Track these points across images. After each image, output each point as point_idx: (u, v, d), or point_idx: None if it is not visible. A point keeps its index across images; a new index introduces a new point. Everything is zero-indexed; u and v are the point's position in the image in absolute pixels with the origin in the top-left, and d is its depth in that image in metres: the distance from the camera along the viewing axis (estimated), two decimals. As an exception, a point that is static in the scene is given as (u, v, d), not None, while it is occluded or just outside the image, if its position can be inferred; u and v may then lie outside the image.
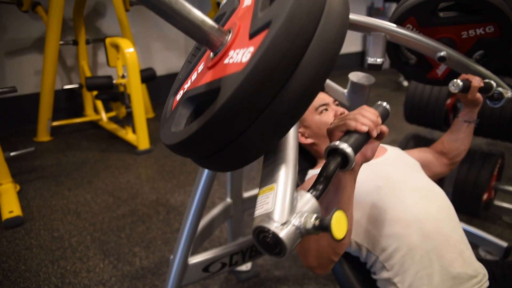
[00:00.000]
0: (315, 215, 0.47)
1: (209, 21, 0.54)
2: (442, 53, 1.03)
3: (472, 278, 0.87)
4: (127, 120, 3.23)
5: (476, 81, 0.99)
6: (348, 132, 0.63)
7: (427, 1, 1.04)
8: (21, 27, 3.55)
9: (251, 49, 0.47)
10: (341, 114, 1.06)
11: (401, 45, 1.25)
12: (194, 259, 1.11)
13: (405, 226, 0.87)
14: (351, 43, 6.89)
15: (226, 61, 0.52)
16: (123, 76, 3.08)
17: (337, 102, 1.13)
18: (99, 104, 3.77)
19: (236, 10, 0.65)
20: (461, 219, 2.08)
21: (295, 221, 0.46)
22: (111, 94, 3.21)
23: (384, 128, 0.66)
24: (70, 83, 3.90)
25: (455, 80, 0.98)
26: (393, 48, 1.24)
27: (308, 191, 0.53)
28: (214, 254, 1.12)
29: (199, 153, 0.53)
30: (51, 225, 2.13)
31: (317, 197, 0.52)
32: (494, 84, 1.04)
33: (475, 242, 1.89)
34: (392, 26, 1.09)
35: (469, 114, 1.09)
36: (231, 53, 0.52)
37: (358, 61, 7.09)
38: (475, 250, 1.87)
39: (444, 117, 1.99)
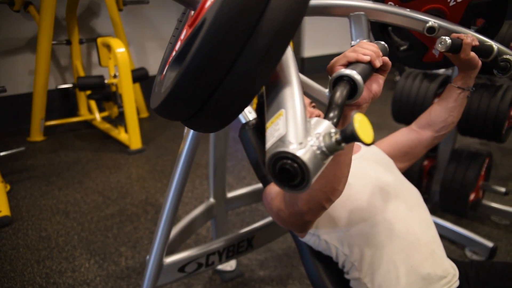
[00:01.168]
0: (333, 130, 0.41)
1: None
2: (430, 23, 0.93)
3: (442, 278, 0.87)
4: (120, 120, 3.24)
5: (469, 38, 0.87)
6: (351, 64, 0.59)
7: None
8: (14, 27, 3.56)
9: None
10: (316, 116, 1.06)
11: (390, 31, 1.19)
12: (169, 259, 1.10)
13: (374, 226, 0.87)
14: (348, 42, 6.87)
15: (206, 6, 0.51)
16: (114, 76, 3.08)
17: (313, 104, 1.12)
18: (93, 104, 3.77)
19: None
20: (449, 219, 2.09)
21: (313, 142, 0.40)
22: (103, 94, 3.21)
23: (386, 59, 0.63)
24: (65, 83, 3.90)
25: (442, 37, 0.86)
26: (381, 33, 1.19)
27: (329, 118, 0.46)
28: (190, 254, 1.12)
29: (189, 105, 0.49)
30: (39, 225, 2.13)
31: (336, 123, 0.45)
32: (495, 47, 0.92)
33: (461, 242, 1.89)
34: (370, 3, 1.03)
35: (464, 79, 0.97)
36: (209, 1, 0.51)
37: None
38: (461, 250, 1.86)
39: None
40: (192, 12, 0.59)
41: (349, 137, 0.39)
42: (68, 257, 1.85)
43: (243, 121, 1.23)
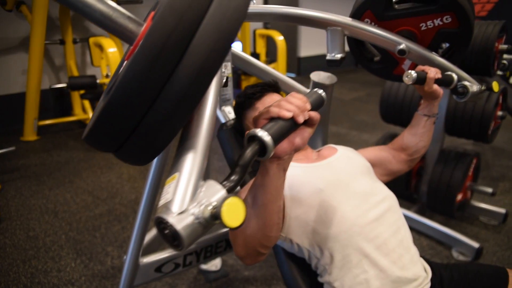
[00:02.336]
0: (214, 203, 0.44)
1: (122, 12, 0.54)
2: (401, 46, 1.01)
3: (412, 281, 0.87)
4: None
5: (432, 72, 0.96)
6: (273, 119, 0.60)
7: None
8: (7, 26, 3.56)
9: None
10: None
11: (365, 42, 1.23)
12: (146, 260, 1.10)
13: (343, 230, 0.86)
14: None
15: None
16: (107, 76, 3.08)
17: None
18: (87, 103, 3.77)
19: None
20: (438, 219, 2.08)
21: (195, 210, 0.43)
22: (96, 93, 3.22)
23: (313, 114, 0.63)
24: (59, 83, 3.90)
25: (409, 71, 0.95)
26: (355, 44, 1.22)
27: (222, 182, 0.50)
28: (166, 255, 1.12)
29: (107, 143, 0.51)
30: (27, 224, 2.13)
31: (231, 188, 0.49)
32: (455, 77, 1.01)
33: (448, 243, 1.89)
34: (348, 20, 1.08)
35: (428, 107, 1.05)
36: None
37: (351, 60, 7.05)
38: (448, 251, 1.86)
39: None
40: None
41: (217, 217, 0.42)
42: (54, 256, 1.85)
43: (223, 120, 1.23)
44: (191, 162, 0.49)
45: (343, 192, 0.91)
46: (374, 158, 1.12)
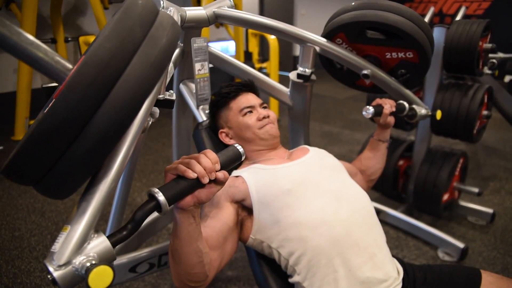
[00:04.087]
0: (92, 261, 0.49)
1: (51, 55, 0.55)
2: (366, 71, 1.14)
3: (382, 282, 0.86)
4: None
5: (387, 108, 1.12)
6: (179, 176, 0.63)
7: (355, 23, 1.11)
8: (-2, 25, 3.54)
9: None
10: (263, 117, 1.04)
11: (340, 63, 1.31)
12: (119, 260, 1.09)
13: (312, 230, 0.85)
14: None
15: None
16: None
17: (264, 105, 1.11)
18: (79, 102, 3.76)
19: None
20: (425, 219, 2.07)
21: (76, 262, 0.48)
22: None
23: (220, 175, 0.65)
24: (51, 82, 3.89)
25: (367, 106, 1.11)
26: (325, 56, 1.25)
27: (110, 235, 0.54)
28: (141, 254, 1.11)
29: (23, 179, 0.54)
30: (13, 224, 2.12)
31: (117, 242, 0.54)
32: (407, 106, 1.17)
33: (434, 243, 1.88)
34: (322, 40, 1.16)
35: (382, 134, 1.20)
36: None
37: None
38: (434, 251, 1.85)
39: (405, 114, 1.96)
40: None
41: (83, 277, 0.47)
42: (38, 256, 1.84)
43: (200, 120, 1.22)
44: (82, 215, 0.51)
45: (313, 191, 0.90)
46: (348, 169, 1.12)
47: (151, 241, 1.96)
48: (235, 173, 0.99)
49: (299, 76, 1.21)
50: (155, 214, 1.48)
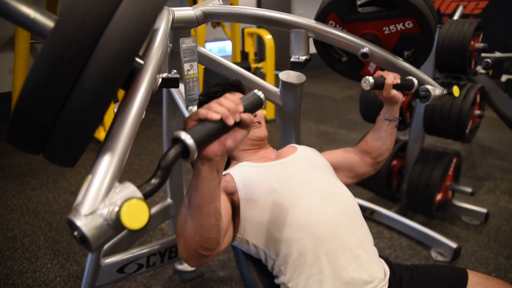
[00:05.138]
0: (121, 204, 0.42)
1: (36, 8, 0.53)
2: (364, 50, 1.02)
3: (367, 283, 0.85)
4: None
5: (390, 78, 0.96)
6: (202, 121, 0.58)
7: None
8: (-6, 26, 3.54)
9: None
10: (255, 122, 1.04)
11: (335, 46, 1.23)
12: (108, 260, 1.09)
13: (297, 230, 0.85)
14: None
15: None
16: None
17: None
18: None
19: None
20: (419, 219, 2.07)
21: (103, 211, 0.42)
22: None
23: (245, 116, 0.61)
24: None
25: (366, 77, 0.96)
26: (322, 46, 1.22)
27: (140, 185, 0.48)
28: (129, 255, 1.11)
29: (27, 144, 0.50)
30: (6, 225, 2.12)
31: (149, 192, 0.48)
32: (415, 82, 1.02)
33: (427, 243, 1.87)
34: (311, 22, 1.08)
35: (389, 112, 1.07)
36: None
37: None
38: (427, 251, 1.85)
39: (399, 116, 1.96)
40: None
41: (117, 221, 0.41)
42: (31, 257, 1.84)
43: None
44: (107, 164, 0.47)
45: (299, 191, 0.90)
46: (341, 161, 1.11)
47: (144, 241, 1.96)
48: (228, 171, 0.98)
49: (293, 64, 1.13)
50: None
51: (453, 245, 1.74)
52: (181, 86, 1.28)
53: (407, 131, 2.08)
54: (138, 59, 0.65)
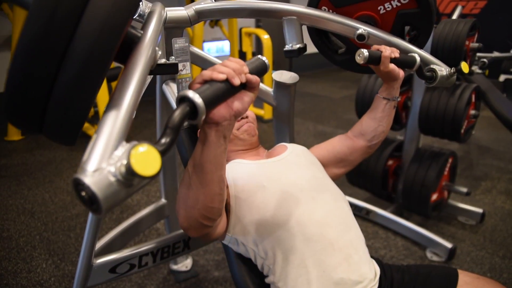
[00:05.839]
0: (129, 151, 0.39)
1: None
2: (359, 31, 0.97)
3: (357, 283, 0.85)
4: (95, 119, 3.23)
5: (387, 51, 0.89)
6: (207, 82, 0.56)
7: None
8: (-9, 25, 3.54)
9: None
10: (241, 118, 1.04)
11: (328, 34, 1.18)
12: (99, 260, 1.09)
13: (286, 229, 0.85)
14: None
15: None
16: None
17: None
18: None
19: None
20: (415, 219, 2.07)
21: (111, 168, 0.39)
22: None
23: (251, 76, 0.60)
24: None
25: (361, 49, 0.88)
26: (317, 35, 1.18)
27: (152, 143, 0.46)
28: (121, 255, 1.11)
29: (25, 120, 0.49)
30: (2, 225, 2.11)
31: (162, 152, 0.44)
32: (417, 58, 0.94)
33: (423, 243, 1.87)
34: (301, 8, 1.05)
35: (387, 90, 1.00)
36: None
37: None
38: (423, 251, 1.85)
39: (394, 115, 1.96)
40: None
41: (129, 172, 0.38)
42: (26, 257, 1.84)
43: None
44: (112, 123, 0.45)
45: (288, 190, 0.90)
46: (329, 154, 1.09)
47: (139, 241, 1.96)
48: None
49: (287, 53, 1.09)
50: (140, 214, 1.47)
51: (448, 245, 1.74)
52: (174, 86, 1.29)
53: (403, 131, 2.08)
54: (134, 31, 0.63)
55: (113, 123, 0.45)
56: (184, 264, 1.70)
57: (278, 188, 0.89)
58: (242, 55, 4.06)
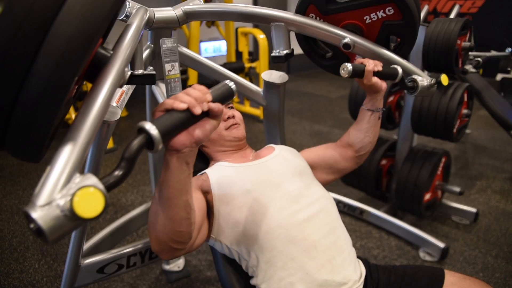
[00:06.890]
0: (74, 192, 0.41)
1: None
2: (345, 40, 0.99)
3: (341, 285, 0.85)
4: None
5: (370, 65, 0.93)
6: (169, 111, 0.57)
7: None
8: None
9: None
10: (228, 118, 1.04)
11: (316, 39, 1.21)
12: (87, 261, 1.09)
13: (268, 232, 0.85)
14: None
15: None
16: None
17: (231, 105, 1.10)
18: (69, 103, 3.75)
19: None
20: (409, 219, 2.07)
21: (60, 202, 0.40)
22: (80, 92, 3.19)
23: (214, 105, 0.60)
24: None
25: (345, 63, 0.92)
26: (304, 41, 1.20)
27: (101, 178, 0.46)
28: (109, 255, 1.11)
29: None
30: (-5, 225, 2.12)
31: (112, 184, 0.46)
32: (399, 70, 0.98)
33: (416, 243, 1.87)
34: (289, 15, 1.06)
35: (371, 101, 1.02)
36: None
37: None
38: (416, 251, 1.84)
39: (387, 115, 1.96)
40: None
41: (71, 210, 0.40)
42: (19, 258, 1.84)
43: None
44: (67, 154, 0.45)
45: (272, 192, 0.89)
46: (319, 159, 1.10)
47: (132, 241, 1.95)
48: (208, 171, 0.98)
49: (274, 59, 1.11)
50: (131, 214, 1.47)
51: (441, 245, 1.74)
52: (163, 87, 1.28)
53: (396, 130, 2.08)
54: (104, 51, 0.64)
55: (69, 154, 0.45)
56: (177, 264, 1.70)
57: (261, 191, 0.89)
58: (239, 55, 4.06)
